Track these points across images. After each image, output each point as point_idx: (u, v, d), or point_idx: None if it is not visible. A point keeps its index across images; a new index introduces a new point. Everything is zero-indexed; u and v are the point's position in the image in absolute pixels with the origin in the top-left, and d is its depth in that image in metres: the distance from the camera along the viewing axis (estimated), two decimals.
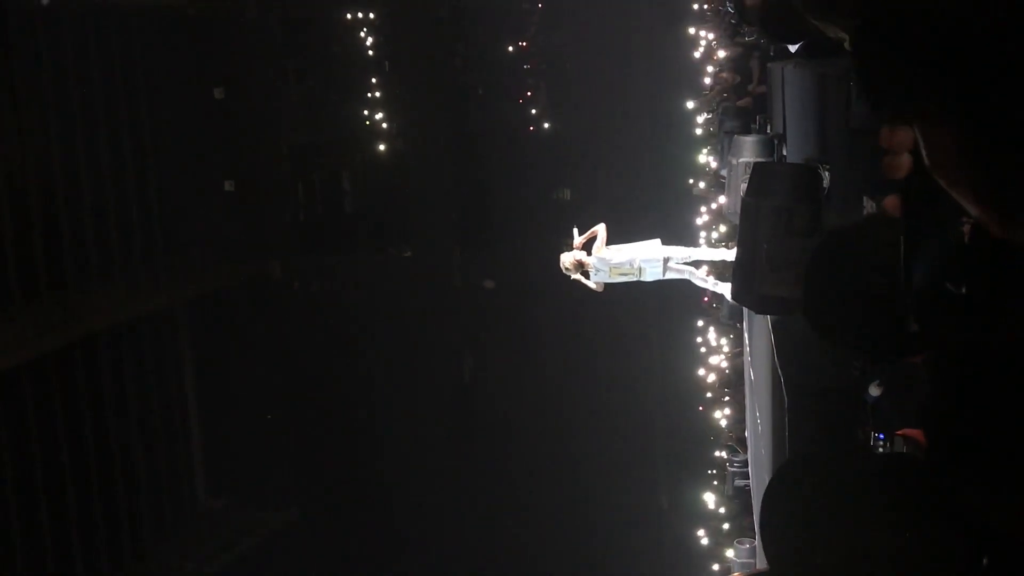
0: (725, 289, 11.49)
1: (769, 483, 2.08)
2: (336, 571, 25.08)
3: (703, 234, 15.08)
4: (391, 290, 25.79)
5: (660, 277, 10.67)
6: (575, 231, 10.62)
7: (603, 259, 10.49)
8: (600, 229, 10.54)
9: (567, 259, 10.54)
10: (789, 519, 1.98)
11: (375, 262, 26.08)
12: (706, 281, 11.44)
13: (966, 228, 2.00)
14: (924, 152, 1.68)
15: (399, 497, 25.69)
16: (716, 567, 14.61)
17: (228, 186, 23.92)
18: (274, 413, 25.26)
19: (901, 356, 2.45)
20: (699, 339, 16.32)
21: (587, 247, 10.70)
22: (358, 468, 25.87)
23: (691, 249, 11.26)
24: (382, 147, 26.30)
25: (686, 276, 10.94)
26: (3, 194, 19.79)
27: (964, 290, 1.94)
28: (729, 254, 11.28)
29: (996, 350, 1.78)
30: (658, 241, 10.80)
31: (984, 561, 1.85)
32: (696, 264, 11.29)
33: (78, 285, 21.41)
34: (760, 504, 2.10)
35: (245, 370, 24.97)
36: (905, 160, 2.48)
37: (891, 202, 2.57)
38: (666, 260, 10.62)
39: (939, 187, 1.86)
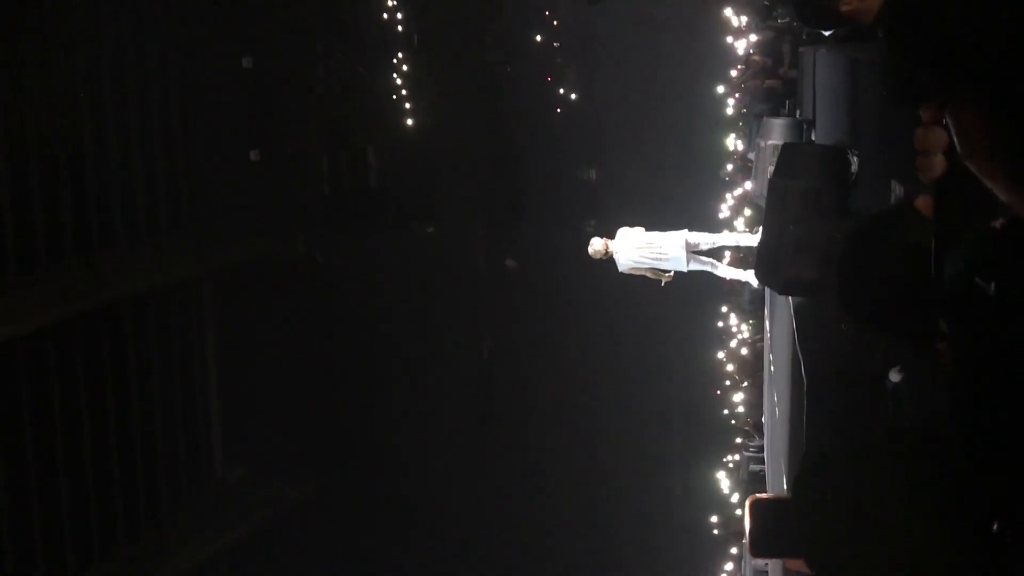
0: (749, 276, 11.48)
1: (798, 473, 2.08)
2: (350, 547, 25.22)
3: (730, 220, 15.00)
4: (413, 266, 25.82)
5: (683, 267, 10.82)
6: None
7: (627, 243, 10.70)
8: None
9: (596, 243, 10.82)
10: (816, 507, 1.98)
11: (398, 238, 26.10)
12: (729, 271, 11.47)
13: (999, 224, 1.98)
14: (956, 139, 1.68)
15: (414, 476, 25.77)
16: (734, 550, 14.60)
17: (253, 156, 23.95)
18: (294, 387, 25.37)
19: (928, 341, 2.44)
20: (720, 324, 16.28)
21: (613, 235, 10.93)
22: (375, 446, 25.97)
23: (716, 235, 11.32)
24: (409, 122, 26.27)
25: (708, 268, 11.06)
26: (33, 158, 19.91)
27: (993, 287, 1.94)
28: (754, 239, 11.27)
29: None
30: (685, 231, 10.92)
31: (994, 527, 1.85)
32: (719, 254, 11.35)
33: (104, 251, 21.54)
34: (791, 490, 2.11)
35: (266, 343, 25.07)
36: (938, 160, 2.48)
37: (923, 202, 2.57)
38: (690, 247, 10.73)
39: (971, 187, 1.85)
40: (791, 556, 2.12)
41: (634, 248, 10.76)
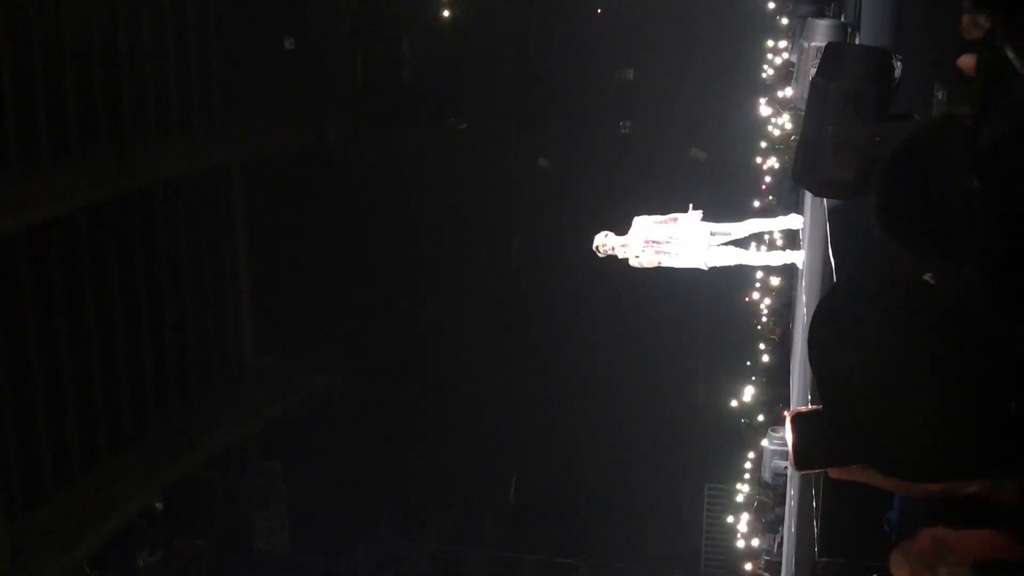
0: (790, 257, 10.84)
1: (821, 301, 2.13)
2: (375, 435, 25.63)
3: (768, 128, 14.76)
4: (445, 162, 25.67)
5: (700, 263, 10.24)
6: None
7: (637, 238, 10.20)
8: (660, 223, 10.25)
9: (599, 239, 10.46)
10: (838, 338, 2.03)
11: (431, 133, 25.90)
12: (760, 256, 10.85)
13: None
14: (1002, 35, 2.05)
15: (440, 369, 25.98)
16: (751, 455, 14.73)
17: (288, 44, 23.75)
18: (323, 277, 25.53)
19: (964, 258, 2.47)
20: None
21: (620, 233, 10.44)
22: (402, 336, 26.17)
23: (739, 224, 10.66)
24: (445, 14, 25.89)
25: (738, 261, 10.37)
26: (67, 46, 19.80)
27: None
28: (781, 223, 10.86)
29: None
30: (699, 214, 10.32)
31: (1013, 405, 1.89)
32: (745, 244, 10.73)
33: (135, 137, 21.53)
34: (812, 318, 2.16)
35: (296, 233, 25.16)
36: (983, 22, 2.48)
37: (966, 61, 2.57)
38: (711, 239, 10.14)
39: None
40: (834, 464, 2.18)
41: (645, 242, 10.11)
